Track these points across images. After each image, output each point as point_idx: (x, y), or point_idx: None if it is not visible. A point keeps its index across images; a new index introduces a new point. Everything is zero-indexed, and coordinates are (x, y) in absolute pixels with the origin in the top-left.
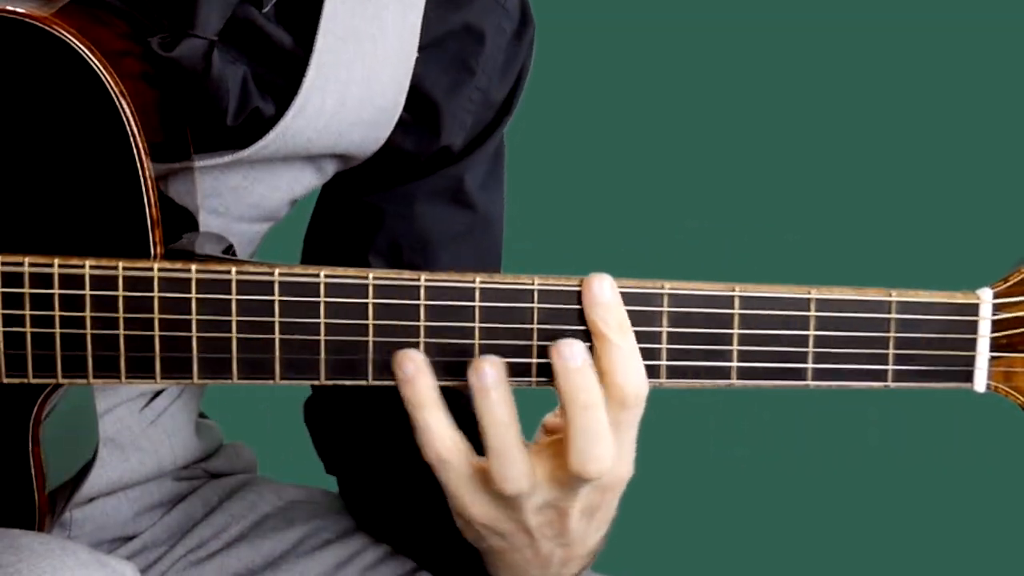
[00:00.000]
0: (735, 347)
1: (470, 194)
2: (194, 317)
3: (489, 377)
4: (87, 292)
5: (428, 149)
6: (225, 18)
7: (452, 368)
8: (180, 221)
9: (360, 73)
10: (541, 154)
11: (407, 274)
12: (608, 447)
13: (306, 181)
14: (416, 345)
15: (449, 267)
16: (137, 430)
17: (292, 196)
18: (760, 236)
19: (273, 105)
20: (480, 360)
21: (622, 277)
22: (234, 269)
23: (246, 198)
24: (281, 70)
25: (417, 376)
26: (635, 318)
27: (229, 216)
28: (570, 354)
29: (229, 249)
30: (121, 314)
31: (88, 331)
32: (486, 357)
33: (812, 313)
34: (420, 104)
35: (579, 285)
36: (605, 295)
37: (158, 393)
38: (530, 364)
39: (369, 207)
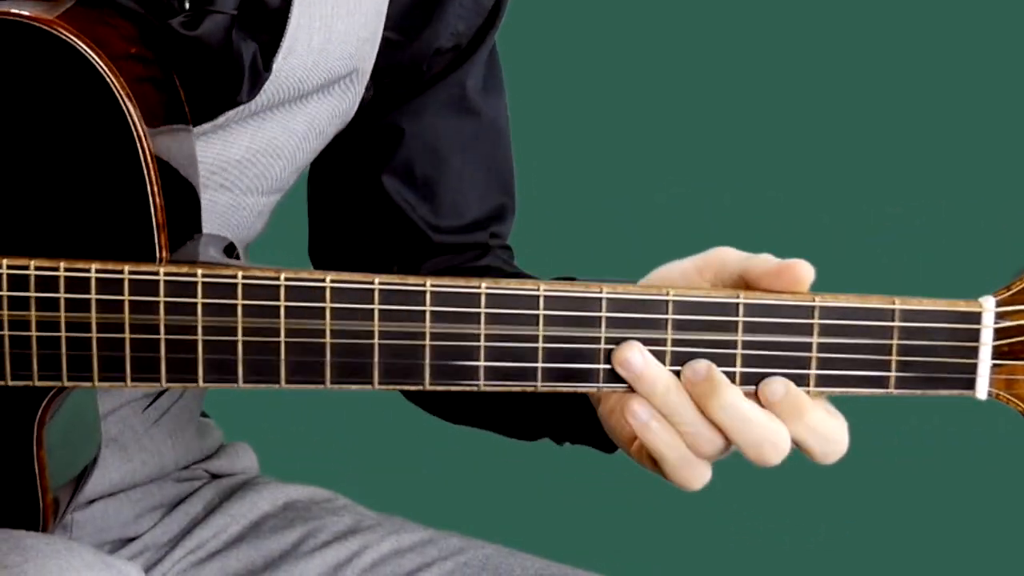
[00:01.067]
0: (738, 352)
1: (473, 99)
2: (200, 321)
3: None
4: (93, 295)
5: (423, 57)
6: None
7: (454, 372)
8: (184, 204)
9: (344, 7)
10: (541, 155)
11: (413, 279)
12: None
13: (308, 145)
14: (421, 348)
15: (461, 174)
16: (140, 430)
17: (296, 163)
18: (764, 243)
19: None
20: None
21: (625, 283)
22: (240, 273)
23: (251, 169)
24: (270, 28)
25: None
26: (638, 324)
27: (237, 190)
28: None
29: (231, 248)
30: (127, 317)
31: (94, 334)
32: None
33: (815, 320)
34: (410, 18)
35: (584, 291)
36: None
37: (160, 393)
38: (536, 368)
39: (381, 128)
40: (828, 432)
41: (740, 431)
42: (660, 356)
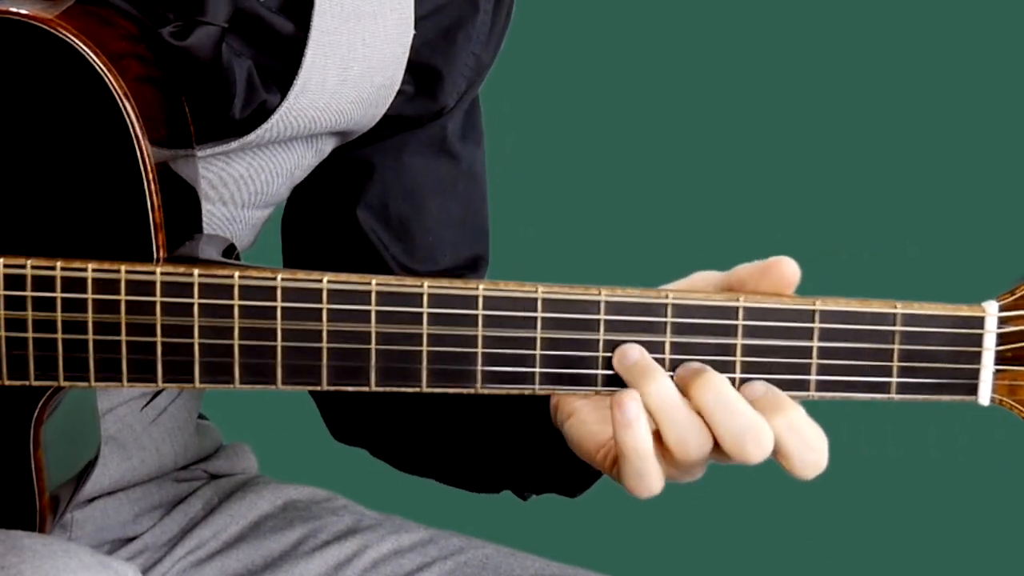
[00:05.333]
0: (739, 358)
1: (452, 144)
2: (196, 321)
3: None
4: (89, 295)
5: (428, 113)
6: (233, 5)
7: (452, 375)
8: (183, 204)
9: (360, 51)
10: (541, 156)
11: (410, 281)
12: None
13: (306, 163)
14: (418, 352)
15: (437, 217)
16: (139, 429)
17: (293, 180)
18: (765, 248)
19: (279, 96)
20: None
21: (624, 286)
22: (237, 274)
23: (250, 186)
24: (282, 57)
25: (638, 420)
26: (637, 328)
27: (234, 204)
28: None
29: (231, 249)
30: (123, 317)
31: (90, 334)
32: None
33: (816, 324)
34: (422, 73)
35: (582, 294)
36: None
37: (158, 392)
38: (533, 373)
39: (358, 162)
40: (808, 435)
41: (723, 421)
42: (659, 360)
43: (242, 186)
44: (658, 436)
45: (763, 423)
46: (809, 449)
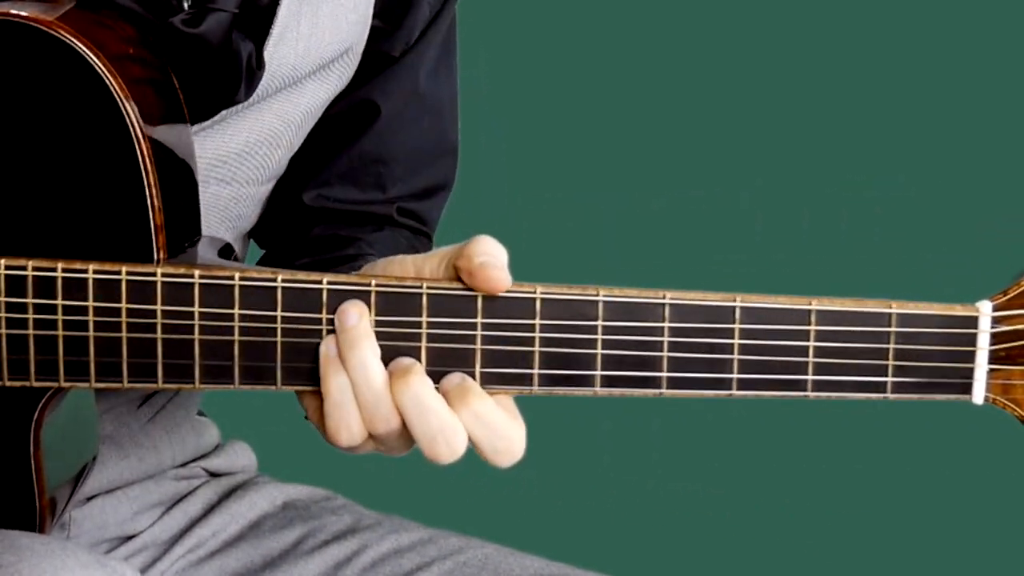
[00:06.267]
0: (735, 357)
1: (421, 82)
2: (196, 322)
3: (352, 318)
4: (90, 296)
5: (403, 45)
6: None
7: (449, 374)
8: (183, 206)
9: None
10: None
11: (410, 282)
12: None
13: (303, 132)
14: (418, 351)
15: (393, 153)
16: (136, 427)
17: (292, 149)
18: (761, 247)
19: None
20: (347, 303)
21: (623, 287)
22: (237, 275)
23: (251, 160)
24: (260, 22)
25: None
26: (635, 329)
27: (237, 182)
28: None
29: (228, 249)
30: (124, 318)
31: (91, 335)
32: (353, 301)
33: (812, 325)
34: (392, 5)
35: (580, 294)
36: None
37: (155, 391)
38: (532, 375)
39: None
40: (495, 423)
41: (418, 424)
42: (657, 360)
43: (243, 162)
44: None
45: (456, 425)
46: (498, 437)
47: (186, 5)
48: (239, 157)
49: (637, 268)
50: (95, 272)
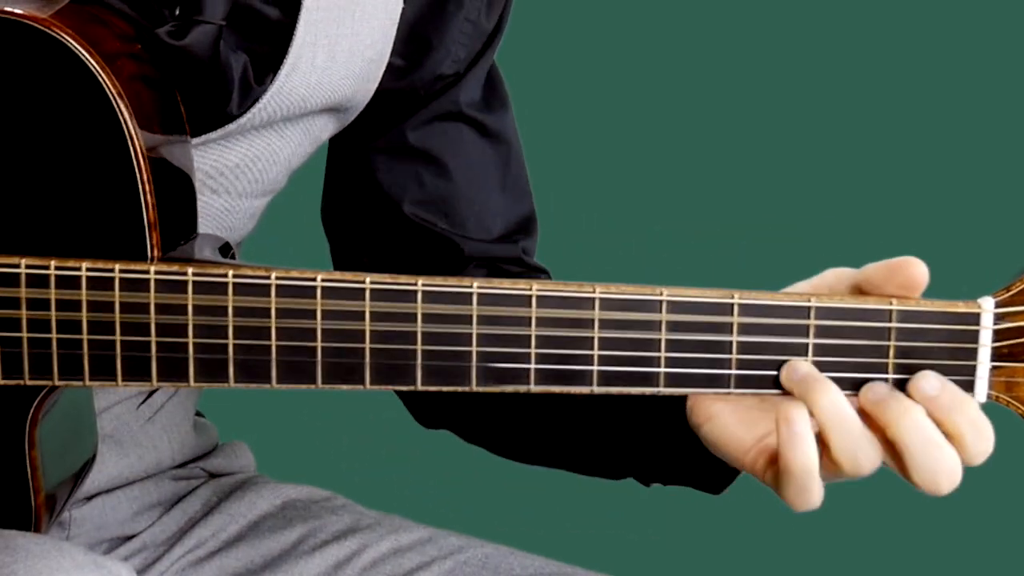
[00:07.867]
0: (734, 355)
1: (471, 114)
2: (191, 320)
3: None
4: (83, 293)
5: (423, 83)
6: (230, 2)
7: (446, 372)
8: (178, 203)
9: (350, 27)
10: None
11: (404, 278)
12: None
13: (303, 150)
14: (413, 350)
15: (473, 186)
16: (135, 427)
17: (291, 167)
18: (760, 244)
19: (270, 76)
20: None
21: (619, 283)
22: (231, 272)
23: (247, 174)
24: (272, 40)
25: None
26: (632, 325)
27: (232, 194)
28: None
29: (226, 247)
30: (117, 316)
31: (84, 333)
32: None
33: (812, 321)
34: (413, 44)
35: (576, 291)
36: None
37: (155, 390)
38: (528, 370)
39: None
40: (984, 427)
41: (921, 450)
42: (655, 359)
43: (239, 175)
44: (824, 449)
45: (954, 458)
46: (983, 440)
47: (177, 11)
48: (235, 170)
49: (634, 264)
50: (88, 269)
